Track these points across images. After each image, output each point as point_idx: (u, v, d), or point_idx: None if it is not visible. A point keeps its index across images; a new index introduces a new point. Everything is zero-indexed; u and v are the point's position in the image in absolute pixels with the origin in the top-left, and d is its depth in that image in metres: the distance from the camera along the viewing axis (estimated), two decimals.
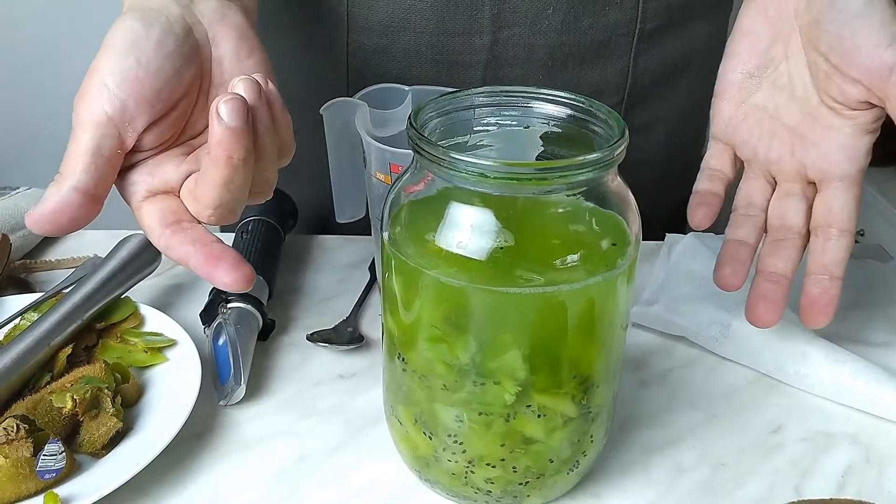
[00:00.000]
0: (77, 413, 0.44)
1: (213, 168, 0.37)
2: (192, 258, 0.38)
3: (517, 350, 0.39)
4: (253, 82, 0.38)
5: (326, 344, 0.56)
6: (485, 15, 0.63)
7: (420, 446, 0.43)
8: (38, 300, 0.54)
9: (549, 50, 0.65)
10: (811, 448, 0.50)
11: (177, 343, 0.52)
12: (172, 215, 0.39)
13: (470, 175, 0.36)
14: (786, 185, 0.51)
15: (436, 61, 0.65)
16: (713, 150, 0.54)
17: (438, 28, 0.64)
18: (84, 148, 0.38)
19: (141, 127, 0.39)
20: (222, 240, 0.39)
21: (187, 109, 0.42)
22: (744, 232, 0.51)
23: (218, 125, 0.36)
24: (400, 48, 0.65)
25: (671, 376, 0.55)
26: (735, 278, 0.50)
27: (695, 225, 0.52)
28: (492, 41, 0.64)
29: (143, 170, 0.40)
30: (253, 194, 0.41)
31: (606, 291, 0.39)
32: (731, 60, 0.52)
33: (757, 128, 0.51)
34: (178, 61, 0.40)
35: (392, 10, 0.63)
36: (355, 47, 0.66)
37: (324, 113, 0.57)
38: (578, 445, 0.43)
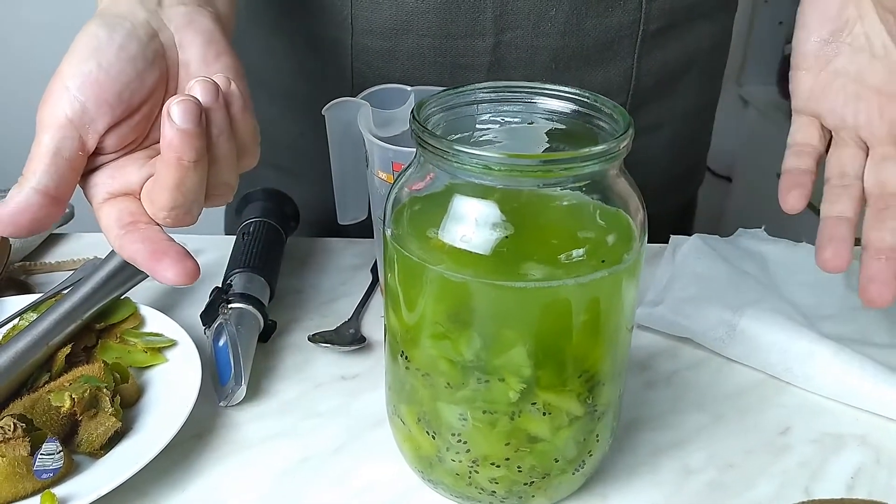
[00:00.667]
0: (75, 412, 0.44)
1: (164, 170, 0.37)
2: (138, 255, 0.38)
3: (522, 346, 0.38)
4: (210, 84, 0.38)
5: (328, 345, 0.55)
6: (487, 17, 0.63)
7: (423, 446, 0.43)
8: (38, 301, 0.54)
9: (553, 52, 0.65)
10: (820, 449, 0.49)
11: (177, 343, 0.52)
12: (130, 216, 0.39)
13: (474, 168, 0.36)
14: (879, 148, 0.48)
15: (439, 63, 0.65)
16: (797, 124, 0.52)
17: (441, 30, 0.63)
18: (44, 150, 0.38)
19: (102, 129, 0.40)
20: (173, 238, 0.39)
21: (151, 113, 0.42)
22: (841, 206, 0.47)
23: (169, 127, 0.36)
24: (403, 51, 0.65)
25: (677, 378, 0.54)
26: (839, 260, 0.46)
27: (788, 209, 0.48)
28: (495, 43, 0.64)
29: (105, 172, 0.41)
30: (211, 196, 0.41)
31: (612, 287, 0.39)
32: (804, 30, 0.51)
33: (842, 93, 0.50)
34: (140, 64, 0.40)
35: (395, 13, 0.63)
36: (359, 50, 0.65)
37: (326, 114, 0.56)
38: (584, 445, 0.42)
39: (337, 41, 0.66)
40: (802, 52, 0.51)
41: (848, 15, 0.50)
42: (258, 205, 0.65)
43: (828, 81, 0.51)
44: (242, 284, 0.56)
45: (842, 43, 0.50)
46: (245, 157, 0.42)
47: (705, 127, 0.81)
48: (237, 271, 0.58)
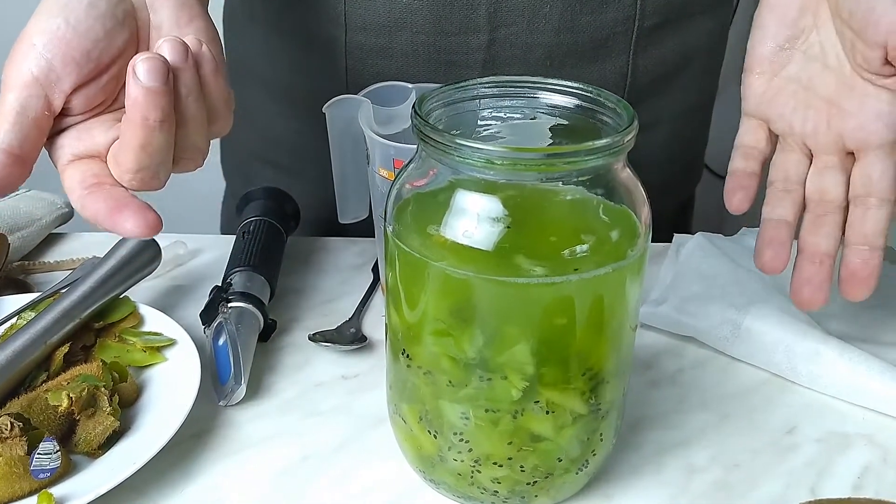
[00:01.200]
0: (73, 412, 0.43)
1: (129, 130, 0.37)
2: (100, 213, 0.38)
3: (525, 343, 0.38)
4: (178, 43, 0.38)
5: (329, 344, 0.55)
6: (481, 14, 0.62)
7: (425, 445, 0.42)
8: (36, 300, 0.54)
9: (547, 49, 0.64)
10: (826, 448, 0.48)
11: (176, 343, 0.51)
12: (94, 178, 0.39)
13: (477, 162, 0.35)
14: (823, 157, 0.50)
15: (433, 60, 0.65)
16: (745, 126, 0.53)
17: (435, 27, 0.63)
18: (9, 108, 0.38)
19: (68, 87, 0.39)
20: (136, 196, 0.39)
21: (120, 74, 0.41)
22: (782, 210, 0.50)
23: (133, 84, 0.36)
24: (398, 47, 0.64)
25: (681, 377, 0.54)
26: (778, 261, 0.49)
27: (733, 210, 0.50)
28: (489, 40, 0.63)
29: (71, 134, 0.40)
30: (180, 160, 0.40)
31: (616, 283, 0.38)
32: (760, 32, 0.52)
33: (792, 100, 0.50)
34: (108, 23, 0.40)
35: (389, 10, 0.63)
36: (353, 47, 0.65)
37: (326, 111, 0.56)
38: (588, 444, 0.41)
39: (331, 38, 0.66)
40: (756, 56, 0.52)
41: (805, 23, 0.50)
42: (258, 203, 0.65)
43: (779, 87, 0.51)
44: (242, 283, 0.56)
45: (796, 50, 0.51)
46: (216, 121, 0.41)
47: (703, 124, 0.80)
48: (237, 270, 0.57)
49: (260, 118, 0.75)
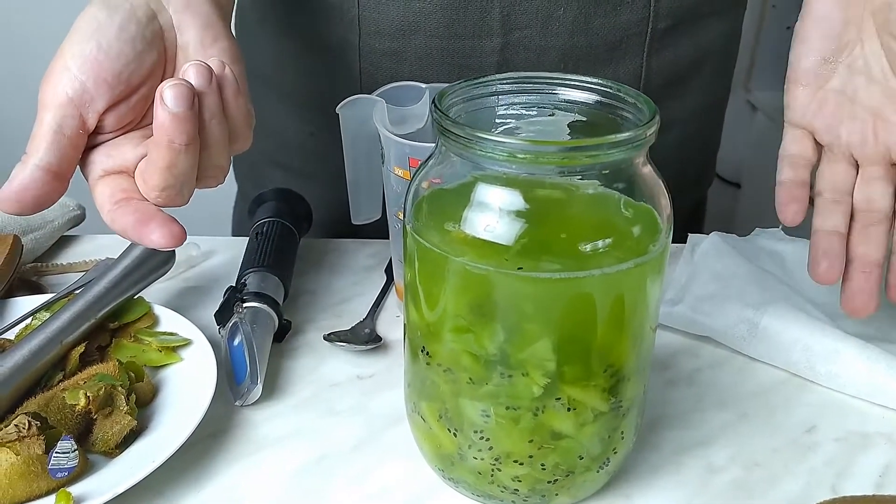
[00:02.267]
0: (90, 411, 0.43)
1: (156, 152, 0.39)
2: (128, 225, 0.39)
3: (546, 339, 0.37)
4: (203, 68, 0.39)
5: (344, 344, 0.54)
6: (494, 17, 0.62)
7: (444, 444, 0.42)
8: (51, 300, 0.53)
9: (561, 52, 0.64)
10: (847, 448, 0.48)
11: (191, 343, 0.51)
12: (123, 192, 0.40)
13: (499, 155, 0.35)
14: (870, 168, 0.51)
15: (447, 64, 0.65)
16: (790, 136, 0.53)
17: (449, 31, 0.63)
18: (47, 128, 0.40)
19: (101, 107, 0.41)
20: (162, 210, 0.40)
21: (149, 94, 0.43)
22: (834, 220, 0.50)
23: (161, 110, 0.37)
24: (411, 51, 0.64)
25: (699, 376, 0.54)
26: (833, 272, 0.49)
27: (788, 222, 0.51)
28: (502, 43, 0.63)
29: (102, 150, 0.42)
30: (203, 178, 0.42)
31: (638, 279, 0.38)
32: (804, 45, 0.52)
33: (838, 111, 0.51)
34: (139, 45, 0.42)
35: (402, 14, 0.63)
36: (367, 51, 0.65)
37: (340, 112, 0.56)
38: (609, 442, 0.41)
39: (345, 42, 0.66)
40: (802, 68, 0.53)
41: (849, 37, 0.51)
42: (271, 205, 0.65)
43: (824, 98, 0.52)
44: (257, 283, 0.56)
45: (840, 63, 0.52)
46: (237, 141, 0.43)
47: (715, 126, 0.80)
48: (251, 270, 0.57)
49: (271, 121, 0.75)
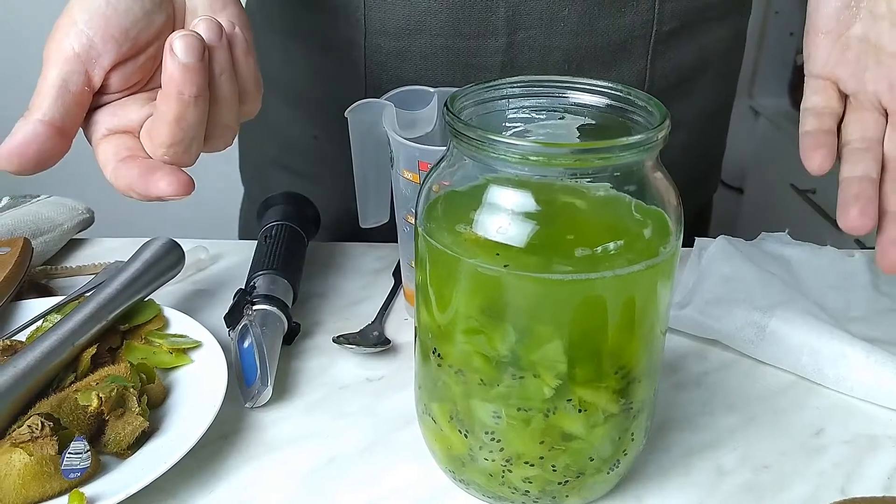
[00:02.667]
0: (102, 412, 0.43)
1: (164, 104, 0.38)
2: (132, 179, 0.39)
3: (558, 341, 0.38)
4: (214, 23, 0.39)
5: (353, 346, 0.55)
6: (499, 17, 0.63)
7: (455, 445, 0.42)
8: (61, 302, 0.54)
9: (566, 52, 0.64)
10: (855, 450, 0.48)
11: (202, 345, 0.51)
12: (127, 150, 0.40)
13: (511, 157, 0.35)
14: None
15: (451, 63, 0.65)
16: (812, 87, 0.51)
17: (453, 30, 0.63)
18: (51, 83, 0.39)
19: (108, 64, 0.40)
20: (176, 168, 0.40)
21: (157, 55, 0.42)
22: (864, 166, 0.46)
23: (171, 60, 0.37)
24: (416, 51, 0.65)
25: (706, 380, 0.54)
26: (866, 218, 0.44)
27: (815, 169, 0.47)
28: (507, 43, 0.64)
29: (107, 110, 0.42)
30: (211, 138, 0.41)
31: (649, 280, 0.38)
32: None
33: (863, 58, 0.49)
34: (147, 5, 0.41)
35: (407, 13, 0.63)
36: (372, 50, 0.65)
37: (349, 116, 0.56)
38: (619, 443, 0.41)
39: (351, 42, 0.66)
40: (823, 15, 0.51)
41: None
42: (279, 208, 0.65)
43: (846, 46, 0.50)
44: (266, 286, 0.56)
45: (862, 8, 0.50)
46: (246, 102, 0.43)
47: (720, 130, 0.80)
48: (260, 273, 0.57)
49: (277, 124, 0.76)
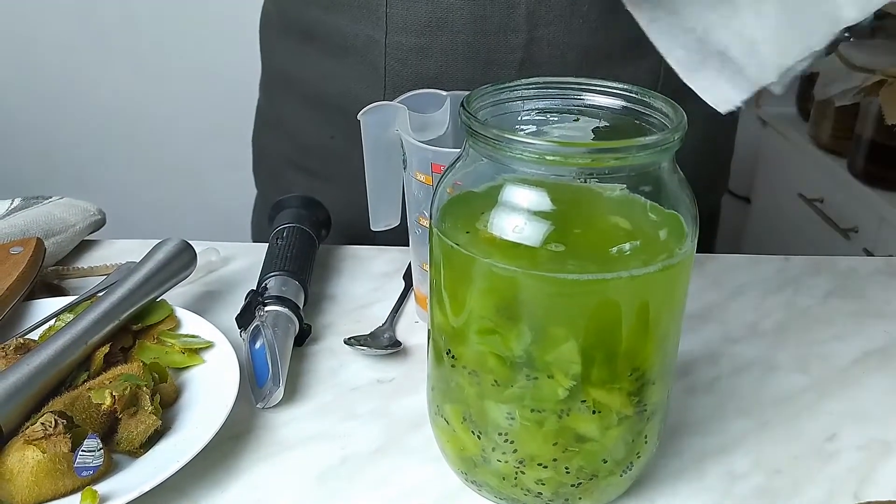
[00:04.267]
0: (115, 410, 0.43)
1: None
2: None
3: (573, 341, 0.38)
4: None
5: (364, 348, 0.55)
6: (521, 13, 0.63)
7: (468, 446, 0.42)
8: (74, 302, 0.54)
9: (583, 49, 0.65)
10: (868, 455, 0.48)
11: (214, 345, 0.51)
12: None
13: (528, 157, 0.35)
14: None
15: (472, 60, 0.65)
16: None
17: (475, 27, 0.64)
18: None
19: None
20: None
21: None
22: None
23: None
24: (437, 47, 0.65)
25: (718, 384, 0.54)
26: None
27: None
28: (527, 39, 0.64)
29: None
30: None
31: (664, 282, 0.38)
32: None
33: None
34: None
35: (431, 9, 0.63)
36: (393, 47, 0.66)
37: (361, 118, 0.56)
38: (633, 446, 0.41)
39: (370, 40, 0.66)
40: None
41: None
42: (291, 211, 0.65)
43: None
44: (278, 287, 0.56)
45: None
46: None
47: (730, 131, 0.80)
48: (272, 275, 0.57)
49: (291, 124, 0.76)
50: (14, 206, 0.65)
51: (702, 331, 0.59)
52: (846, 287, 0.65)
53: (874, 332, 0.59)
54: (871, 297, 0.64)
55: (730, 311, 0.62)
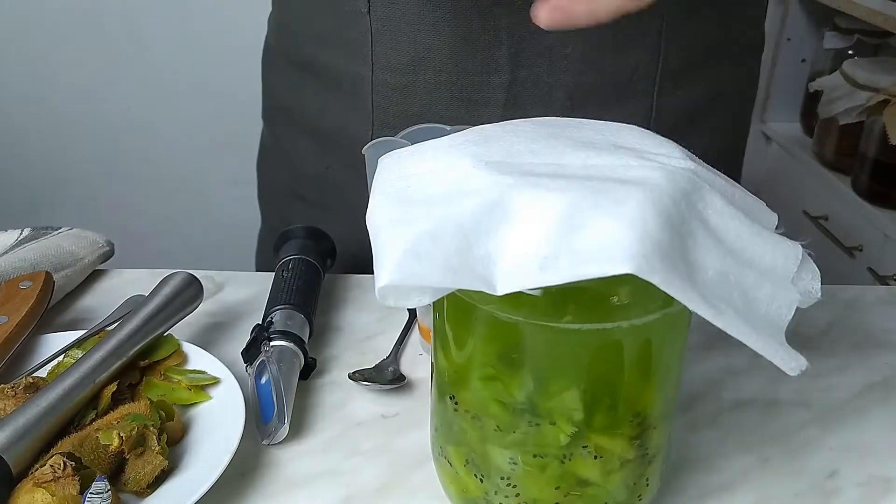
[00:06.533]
0: (123, 451, 0.44)
1: None
2: None
3: (574, 389, 0.38)
4: None
5: (368, 383, 0.55)
6: (503, 54, 0.63)
7: (471, 489, 0.42)
8: (82, 337, 0.54)
9: (569, 89, 0.65)
10: (869, 492, 0.48)
11: (220, 381, 0.52)
12: None
13: None
14: None
15: (455, 99, 0.66)
16: None
17: (457, 66, 0.64)
18: None
19: None
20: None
21: None
22: None
23: None
24: (420, 86, 0.66)
25: (721, 419, 0.54)
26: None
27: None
28: (510, 80, 0.64)
29: None
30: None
31: (665, 329, 0.39)
32: None
33: None
34: None
35: (412, 49, 0.64)
36: (379, 85, 0.66)
37: (366, 152, 0.57)
38: (634, 489, 0.42)
39: (359, 77, 0.67)
40: None
41: None
42: (296, 242, 0.66)
43: None
44: (283, 321, 0.57)
45: None
46: None
47: (734, 167, 0.80)
48: (277, 308, 0.58)
49: (294, 155, 0.77)
50: (23, 237, 0.66)
51: (704, 362, 0.59)
52: (848, 317, 0.65)
53: (876, 363, 0.60)
54: (874, 327, 0.64)
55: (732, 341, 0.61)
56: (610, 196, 0.35)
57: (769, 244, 0.38)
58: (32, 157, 1.72)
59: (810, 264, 0.39)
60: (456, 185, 0.37)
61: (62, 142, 1.71)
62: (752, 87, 0.76)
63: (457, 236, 0.35)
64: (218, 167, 1.71)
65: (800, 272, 0.38)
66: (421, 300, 0.36)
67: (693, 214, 0.36)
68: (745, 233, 0.38)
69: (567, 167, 0.37)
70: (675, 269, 0.33)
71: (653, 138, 0.41)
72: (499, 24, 0.62)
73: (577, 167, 0.38)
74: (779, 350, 0.36)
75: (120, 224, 0.79)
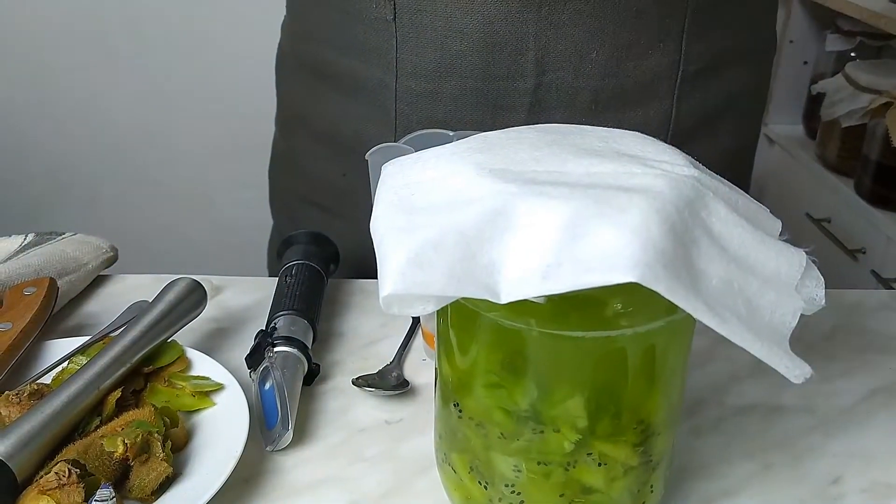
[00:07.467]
0: (128, 458, 0.44)
1: None
2: None
3: (578, 396, 0.38)
4: None
5: (372, 389, 0.55)
6: (529, 59, 0.64)
7: (475, 495, 0.42)
8: (86, 343, 0.55)
9: (593, 93, 0.65)
10: (872, 499, 0.48)
11: (224, 387, 0.52)
12: None
13: None
14: None
15: (481, 104, 0.66)
16: None
17: (484, 72, 0.65)
18: None
19: None
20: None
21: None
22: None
23: None
24: (446, 92, 0.66)
25: (724, 425, 0.54)
26: None
27: None
28: (535, 85, 0.65)
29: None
30: None
31: (669, 336, 0.39)
32: None
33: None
34: None
35: (439, 56, 0.64)
36: (403, 92, 0.67)
37: (369, 158, 0.57)
38: (638, 496, 0.42)
39: (382, 83, 0.67)
40: None
41: None
42: (300, 248, 0.66)
43: None
44: (287, 327, 0.57)
45: None
46: None
47: (744, 169, 0.81)
48: (281, 314, 0.58)
49: (305, 161, 0.77)
50: (27, 242, 0.66)
51: (708, 367, 0.59)
52: (852, 321, 0.65)
53: (880, 369, 0.60)
54: (878, 332, 0.64)
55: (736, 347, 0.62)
56: (613, 204, 0.35)
57: (773, 251, 0.38)
58: (37, 162, 1.73)
59: (814, 271, 0.39)
60: (459, 193, 0.37)
61: (66, 146, 1.71)
62: (764, 88, 0.77)
63: (460, 245, 0.35)
64: (222, 171, 1.71)
65: (804, 279, 0.38)
66: (425, 308, 0.36)
67: (696, 222, 0.36)
68: (749, 240, 0.38)
69: (570, 175, 0.38)
70: (678, 277, 0.33)
71: (656, 145, 0.41)
72: (526, 29, 0.62)
73: (581, 175, 0.38)
74: (783, 358, 0.35)
75: (124, 229, 0.79)
